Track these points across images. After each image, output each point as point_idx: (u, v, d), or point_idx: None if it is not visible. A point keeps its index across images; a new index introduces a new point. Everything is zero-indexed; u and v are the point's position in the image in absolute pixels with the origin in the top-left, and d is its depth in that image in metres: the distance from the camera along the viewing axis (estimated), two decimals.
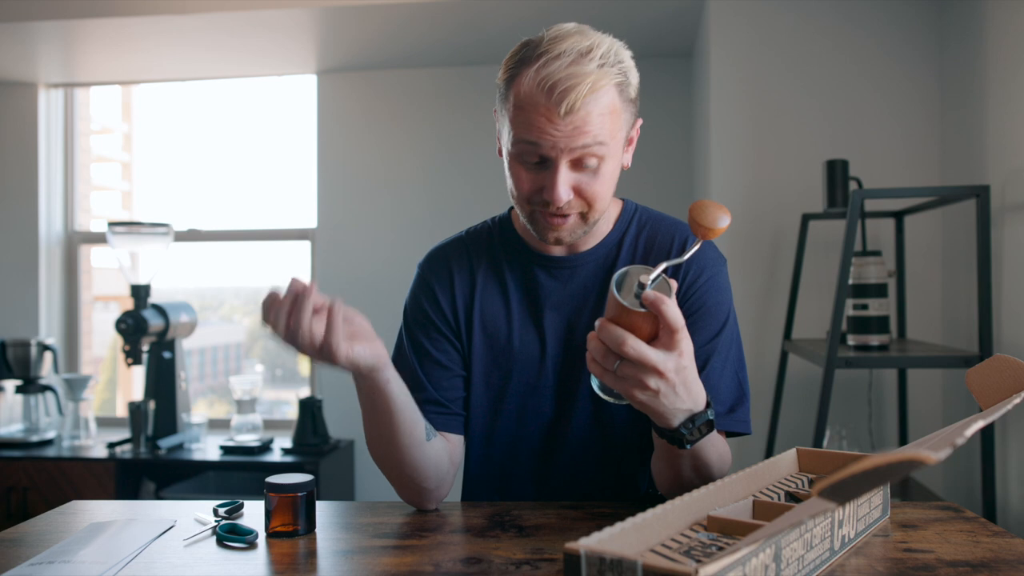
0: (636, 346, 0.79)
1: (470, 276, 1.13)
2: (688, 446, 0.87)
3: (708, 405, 0.87)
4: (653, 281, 0.81)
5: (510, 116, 0.98)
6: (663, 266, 0.82)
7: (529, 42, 0.98)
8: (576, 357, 1.09)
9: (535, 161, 0.97)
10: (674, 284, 0.83)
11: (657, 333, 0.80)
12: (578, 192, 0.98)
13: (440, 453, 1.04)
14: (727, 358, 1.05)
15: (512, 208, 1.18)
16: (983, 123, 2.14)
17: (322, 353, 0.86)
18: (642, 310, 0.78)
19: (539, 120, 0.94)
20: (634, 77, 0.99)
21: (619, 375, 0.81)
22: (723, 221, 0.85)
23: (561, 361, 1.10)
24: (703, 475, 0.95)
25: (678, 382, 0.82)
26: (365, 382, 0.93)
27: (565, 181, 0.96)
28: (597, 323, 0.81)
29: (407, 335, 1.13)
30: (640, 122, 1.05)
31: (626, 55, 0.98)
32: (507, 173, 1.03)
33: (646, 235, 1.12)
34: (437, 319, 1.12)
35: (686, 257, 0.86)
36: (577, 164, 0.97)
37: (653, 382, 0.80)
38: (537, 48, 0.95)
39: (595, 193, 0.99)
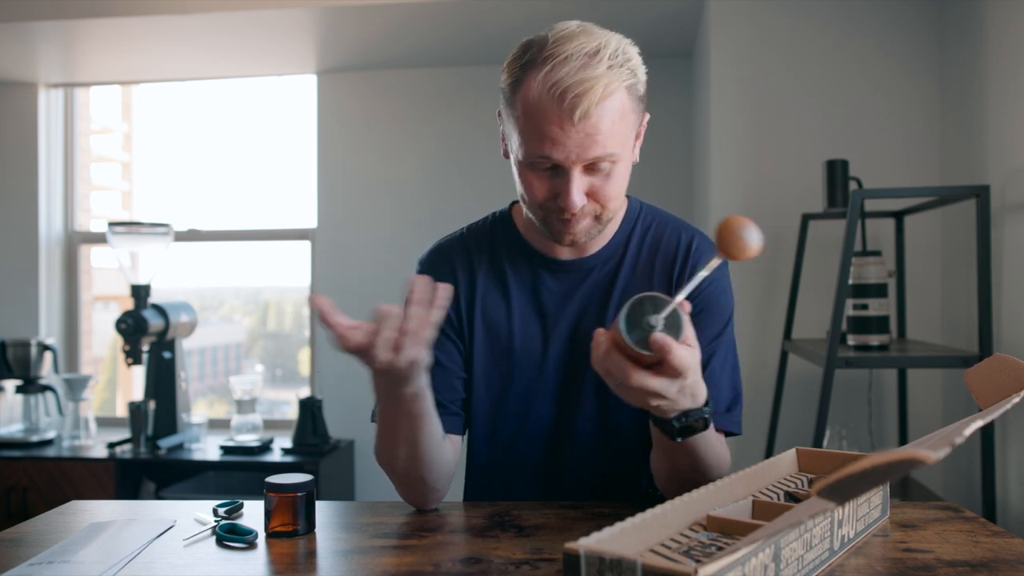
0: (639, 379, 0.79)
1: (472, 275, 1.12)
2: (679, 439, 0.87)
3: (706, 403, 0.87)
4: (664, 319, 0.78)
5: (519, 124, 0.95)
6: (677, 299, 0.79)
7: (532, 44, 0.95)
8: (580, 360, 1.08)
9: (547, 167, 0.96)
10: (687, 308, 0.80)
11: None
12: (591, 195, 0.98)
13: (449, 452, 1.04)
14: (726, 359, 1.06)
15: (513, 204, 1.17)
16: (983, 123, 2.14)
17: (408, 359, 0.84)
18: (648, 354, 0.77)
19: (551, 129, 0.92)
20: (642, 74, 0.97)
21: (620, 392, 0.82)
22: (752, 246, 0.79)
23: (564, 364, 1.09)
24: (701, 474, 0.95)
25: (680, 397, 0.82)
26: (416, 375, 0.89)
27: (579, 188, 0.96)
28: (603, 344, 0.80)
29: None
30: (648, 117, 1.03)
31: (633, 52, 0.96)
32: (517, 179, 1.02)
33: (652, 235, 1.12)
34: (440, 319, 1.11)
35: (701, 276, 0.81)
36: (590, 169, 0.96)
37: (655, 401, 0.81)
38: (542, 51, 0.93)
39: (608, 195, 0.98)
